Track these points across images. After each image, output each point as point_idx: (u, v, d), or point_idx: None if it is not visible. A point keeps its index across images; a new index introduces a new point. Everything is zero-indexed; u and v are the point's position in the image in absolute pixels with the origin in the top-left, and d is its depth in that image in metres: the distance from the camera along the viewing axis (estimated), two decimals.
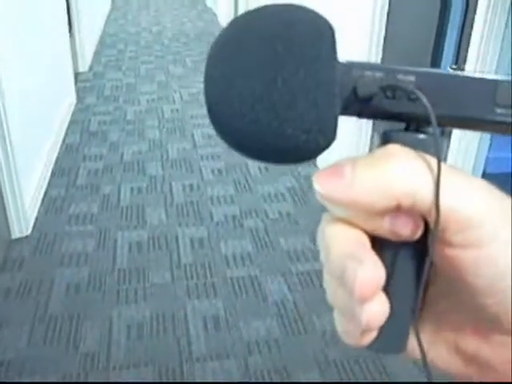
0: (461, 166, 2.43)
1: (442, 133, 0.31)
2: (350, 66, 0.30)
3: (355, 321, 0.29)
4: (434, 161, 0.28)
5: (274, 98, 0.29)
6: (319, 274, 2.91)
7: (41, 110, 3.96)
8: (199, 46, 7.44)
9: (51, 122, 4.26)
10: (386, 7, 3.17)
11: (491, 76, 0.29)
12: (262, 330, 2.56)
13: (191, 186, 3.82)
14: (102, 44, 7.50)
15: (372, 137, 3.54)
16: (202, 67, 0.31)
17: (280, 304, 2.73)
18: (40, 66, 4.02)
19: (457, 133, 2.40)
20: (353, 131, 3.56)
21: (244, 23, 0.31)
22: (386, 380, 2.31)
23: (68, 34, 5.32)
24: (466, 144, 2.39)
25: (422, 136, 0.30)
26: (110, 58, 6.88)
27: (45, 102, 4.11)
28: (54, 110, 4.39)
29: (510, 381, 0.30)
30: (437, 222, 0.27)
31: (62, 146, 4.37)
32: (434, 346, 0.33)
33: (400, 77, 0.30)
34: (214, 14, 9.17)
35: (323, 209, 0.32)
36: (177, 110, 5.16)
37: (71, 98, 5.16)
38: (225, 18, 8.27)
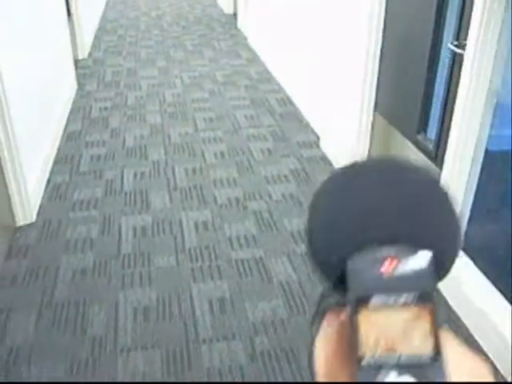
0: (464, 143, 2.41)
1: None
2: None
3: None
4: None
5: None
6: None
7: (42, 98, 3.95)
8: (199, 29, 7.39)
9: (52, 109, 4.26)
10: None
11: None
12: (267, 311, 2.58)
13: (194, 169, 3.82)
14: (102, 30, 7.46)
15: (373, 116, 3.53)
16: (203, 50, 0.31)
17: (285, 284, 2.74)
18: (39, 55, 4.01)
19: (459, 109, 2.39)
20: (354, 109, 3.54)
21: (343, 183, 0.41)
22: None
23: (67, 21, 5.29)
24: (467, 122, 2.37)
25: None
26: (109, 43, 6.85)
27: (45, 90, 4.10)
28: (54, 98, 4.38)
29: None
30: None
31: (63, 133, 4.37)
32: None
33: None
34: None
35: None
36: (178, 95, 5.15)
37: (72, 85, 5.14)
38: (223, 0, 8.21)
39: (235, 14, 7.75)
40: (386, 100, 3.39)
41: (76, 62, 5.75)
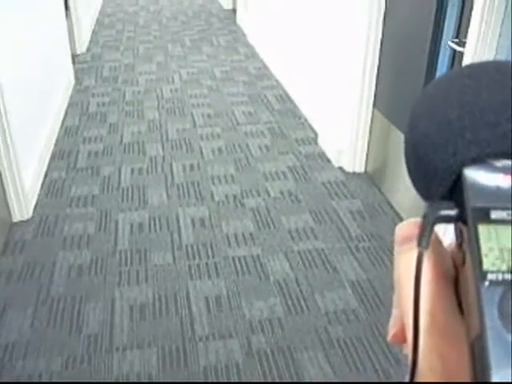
0: None
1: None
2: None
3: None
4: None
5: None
6: (321, 252, 2.90)
7: (39, 93, 3.93)
8: (198, 24, 7.36)
9: (50, 104, 4.23)
10: None
11: None
12: (264, 309, 2.56)
13: (192, 165, 3.80)
14: (100, 24, 7.43)
15: (372, 113, 3.51)
16: (201, 46, 0.30)
17: (282, 283, 2.73)
18: (37, 49, 3.98)
19: None
20: (353, 106, 3.53)
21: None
22: (389, 358, 2.32)
23: (64, 16, 5.26)
24: None
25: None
26: (107, 38, 6.82)
27: (43, 85, 4.07)
28: (52, 93, 4.35)
29: None
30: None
31: (61, 128, 4.34)
32: None
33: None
34: None
35: (324, 186, 0.32)
36: (176, 90, 5.12)
37: (69, 80, 5.12)
38: None
39: (234, 10, 7.72)
40: (385, 97, 3.37)
41: (74, 56, 5.72)
